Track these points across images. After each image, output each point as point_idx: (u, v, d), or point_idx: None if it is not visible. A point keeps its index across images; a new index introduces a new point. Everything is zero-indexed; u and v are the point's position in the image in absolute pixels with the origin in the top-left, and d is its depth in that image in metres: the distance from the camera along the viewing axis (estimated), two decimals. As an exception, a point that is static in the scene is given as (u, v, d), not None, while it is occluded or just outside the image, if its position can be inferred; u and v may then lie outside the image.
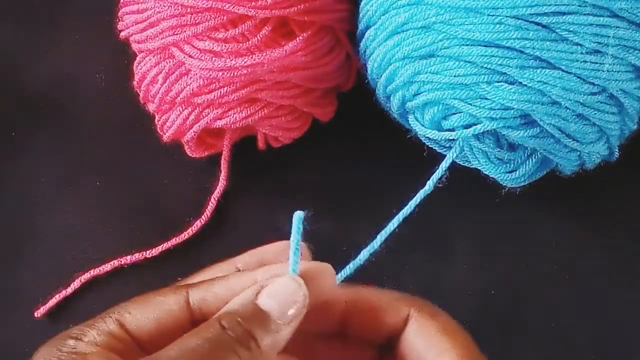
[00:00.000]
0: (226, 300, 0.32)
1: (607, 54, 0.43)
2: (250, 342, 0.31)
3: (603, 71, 0.43)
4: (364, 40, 0.48)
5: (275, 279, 0.32)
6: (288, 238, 0.33)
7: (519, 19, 0.42)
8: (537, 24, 0.42)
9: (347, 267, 0.42)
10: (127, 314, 0.32)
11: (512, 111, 0.44)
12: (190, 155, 0.51)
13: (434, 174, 0.46)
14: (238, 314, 0.31)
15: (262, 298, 0.32)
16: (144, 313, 0.33)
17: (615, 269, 0.51)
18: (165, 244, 0.51)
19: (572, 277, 0.51)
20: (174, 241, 0.51)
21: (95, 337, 0.31)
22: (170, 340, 0.31)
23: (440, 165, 0.46)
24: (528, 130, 0.44)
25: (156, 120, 0.50)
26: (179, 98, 0.47)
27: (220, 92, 0.46)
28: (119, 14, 0.50)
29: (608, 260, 0.51)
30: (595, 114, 0.44)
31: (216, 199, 0.52)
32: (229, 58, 0.46)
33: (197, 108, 0.48)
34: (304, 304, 0.32)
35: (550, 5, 0.42)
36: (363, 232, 0.52)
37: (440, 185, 0.46)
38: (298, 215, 0.33)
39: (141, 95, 0.50)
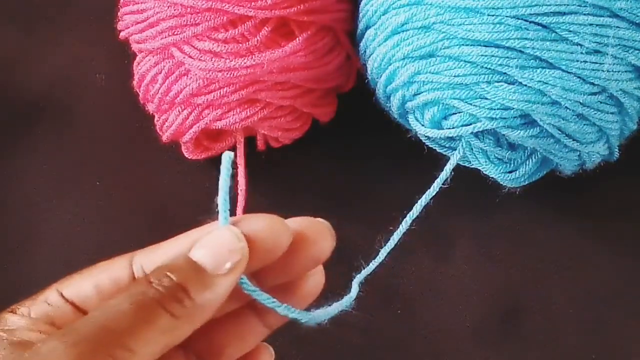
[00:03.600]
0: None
1: (607, 54, 0.43)
2: (183, 296, 0.28)
3: (603, 71, 0.43)
4: (364, 40, 0.48)
5: (210, 231, 0.29)
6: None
7: (519, 19, 0.42)
8: (537, 24, 0.42)
9: (359, 275, 0.40)
10: (68, 283, 0.31)
11: (512, 111, 0.44)
12: (187, 157, 0.51)
13: (440, 176, 0.46)
14: (167, 268, 0.29)
15: (194, 250, 0.29)
16: (84, 281, 0.31)
17: (616, 269, 0.51)
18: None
19: (572, 277, 0.51)
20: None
21: (30, 309, 0.30)
22: None
23: (445, 168, 0.46)
24: (528, 130, 0.44)
25: (156, 120, 0.50)
26: (178, 98, 0.47)
27: (220, 92, 0.46)
28: (119, 14, 0.50)
29: (608, 260, 0.51)
30: (595, 114, 0.44)
31: (243, 198, 0.51)
32: (229, 58, 0.46)
33: (197, 108, 0.48)
34: (242, 256, 0.29)
35: (550, 5, 0.42)
36: (363, 232, 0.52)
37: (446, 185, 0.46)
38: (227, 156, 0.30)
39: (141, 95, 0.50)
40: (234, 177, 0.29)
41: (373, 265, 0.40)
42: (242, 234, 0.29)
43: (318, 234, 0.31)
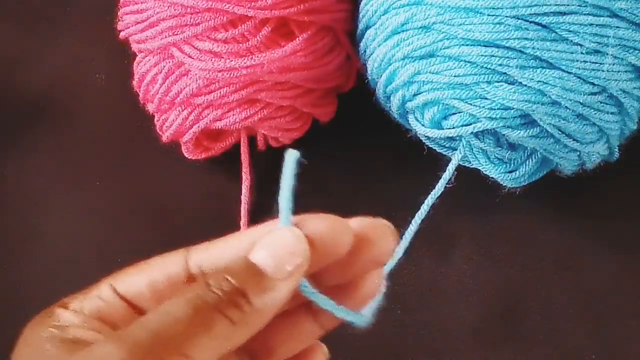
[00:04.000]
0: (228, 259, 0.28)
1: (607, 54, 0.43)
2: (242, 301, 0.27)
3: (603, 71, 0.43)
4: (364, 40, 0.48)
5: (271, 232, 0.28)
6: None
7: (519, 19, 0.42)
8: (537, 24, 0.42)
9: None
10: (121, 279, 0.29)
11: (512, 111, 0.44)
12: (187, 156, 0.51)
13: (443, 176, 0.46)
14: (226, 270, 0.28)
15: (254, 251, 0.28)
16: (138, 276, 0.29)
17: (615, 269, 0.51)
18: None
19: (572, 277, 0.51)
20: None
21: (83, 304, 0.29)
22: None
23: (448, 168, 0.46)
24: (528, 130, 0.44)
25: (156, 120, 0.50)
26: (178, 98, 0.47)
27: (220, 92, 0.46)
28: (119, 14, 0.50)
29: (608, 260, 0.51)
30: (595, 114, 0.44)
31: (247, 196, 0.51)
32: (229, 58, 0.46)
33: (197, 109, 0.48)
34: (304, 258, 0.28)
35: (550, 5, 0.42)
36: (363, 232, 0.52)
37: (450, 185, 0.46)
38: (293, 154, 0.28)
39: (141, 95, 0.50)
40: (297, 176, 0.28)
41: (392, 262, 0.40)
42: (303, 235, 0.28)
43: (380, 235, 0.30)
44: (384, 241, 0.30)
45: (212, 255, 0.30)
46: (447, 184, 0.46)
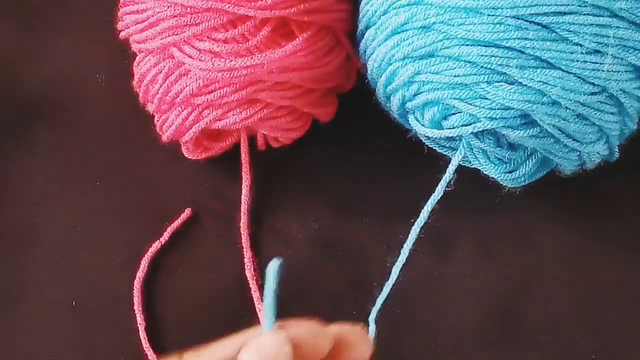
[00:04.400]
0: None
1: (607, 54, 0.43)
2: None
3: (603, 71, 0.43)
4: (364, 40, 0.48)
5: (257, 336, 0.32)
6: (284, 241, 0.32)
7: (519, 19, 0.42)
8: (537, 24, 0.42)
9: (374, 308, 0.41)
10: None
11: (512, 111, 0.44)
12: (187, 156, 0.51)
13: (443, 178, 0.46)
14: None
15: (242, 354, 0.31)
16: None
17: (615, 269, 0.51)
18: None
19: (571, 277, 0.51)
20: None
21: None
22: None
23: (447, 170, 0.46)
24: (528, 130, 0.44)
25: (156, 120, 0.50)
26: (178, 98, 0.47)
27: (220, 92, 0.46)
28: (119, 14, 0.50)
29: (608, 260, 0.51)
30: (595, 114, 0.44)
31: (247, 196, 0.51)
32: (229, 59, 0.46)
33: (197, 109, 0.48)
34: None
35: (550, 5, 0.42)
36: (363, 232, 0.52)
37: (450, 188, 0.46)
38: (275, 265, 0.31)
39: (141, 95, 0.50)
40: (279, 284, 0.31)
41: (387, 288, 0.41)
42: (286, 339, 0.31)
43: (357, 339, 0.33)
44: (360, 346, 0.33)
45: (203, 358, 0.32)
46: (447, 186, 0.46)
